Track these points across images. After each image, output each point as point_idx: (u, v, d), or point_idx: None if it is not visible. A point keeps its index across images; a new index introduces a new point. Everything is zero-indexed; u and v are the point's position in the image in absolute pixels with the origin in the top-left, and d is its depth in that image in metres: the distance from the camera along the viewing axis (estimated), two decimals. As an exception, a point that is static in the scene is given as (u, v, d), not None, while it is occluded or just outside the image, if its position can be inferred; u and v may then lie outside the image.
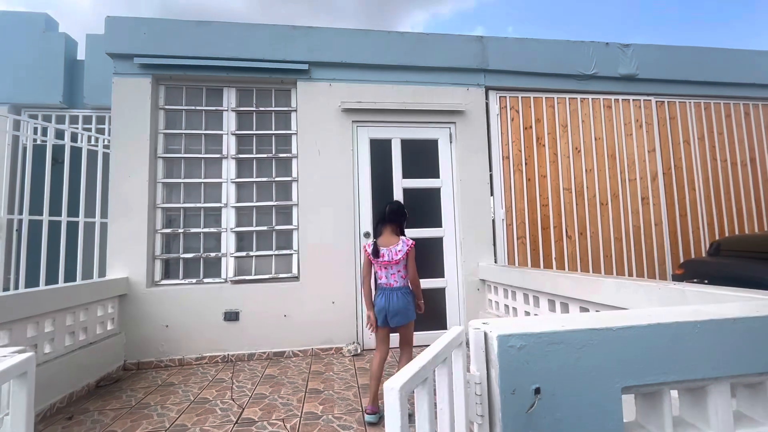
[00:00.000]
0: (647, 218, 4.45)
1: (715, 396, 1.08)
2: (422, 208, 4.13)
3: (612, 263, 4.34)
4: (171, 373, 3.34)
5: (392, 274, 2.48)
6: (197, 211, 3.85)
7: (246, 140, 3.99)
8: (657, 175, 4.52)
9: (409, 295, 2.51)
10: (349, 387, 2.89)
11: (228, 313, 3.64)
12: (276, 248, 3.89)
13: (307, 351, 3.72)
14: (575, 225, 4.31)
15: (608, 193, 4.41)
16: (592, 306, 2.38)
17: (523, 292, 3.26)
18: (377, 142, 4.08)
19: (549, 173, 4.33)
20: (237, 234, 3.86)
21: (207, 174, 3.89)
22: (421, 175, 4.13)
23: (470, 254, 4.05)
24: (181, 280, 3.71)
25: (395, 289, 2.46)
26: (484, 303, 4.03)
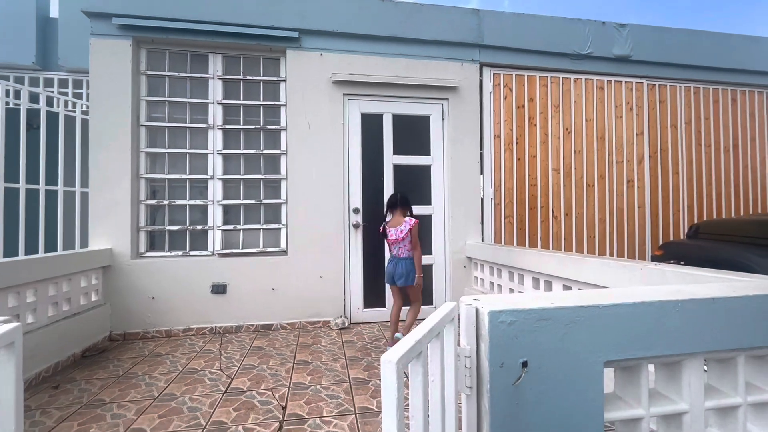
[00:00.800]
0: (631, 200, 4.55)
1: (689, 370, 1.14)
2: (412, 185, 4.11)
3: (595, 244, 4.45)
4: (158, 344, 3.35)
5: (399, 248, 3.07)
6: (182, 182, 3.75)
7: (233, 110, 3.86)
8: (643, 159, 4.59)
9: (411, 264, 3.08)
10: (336, 359, 2.95)
11: (215, 285, 3.63)
12: (264, 222, 3.85)
13: (294, 324, 3.76)
14: (561, 206, 4.38)
15: (595, 175, 4.47)
16: (575, 284, 2.45)
17: (509, 270, 3.34)
18: (368, 116, 4.00)
19: (539, 153, 4.35)
20: (224, 207, 3.80)
21: (193, 144, 3.78)
22: (411, 152, 4.10)
23: (458, 232, 4.10)
24: (167, 252, 3.66)
25: (401, 258, 3.08)
26: (469, 280, 4.11)
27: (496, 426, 0.96)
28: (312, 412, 2.14)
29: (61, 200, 3.77)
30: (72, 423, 2.05)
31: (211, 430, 1.97)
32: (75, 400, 2.30)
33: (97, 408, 2.21)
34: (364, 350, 3.14)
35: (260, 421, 2.06)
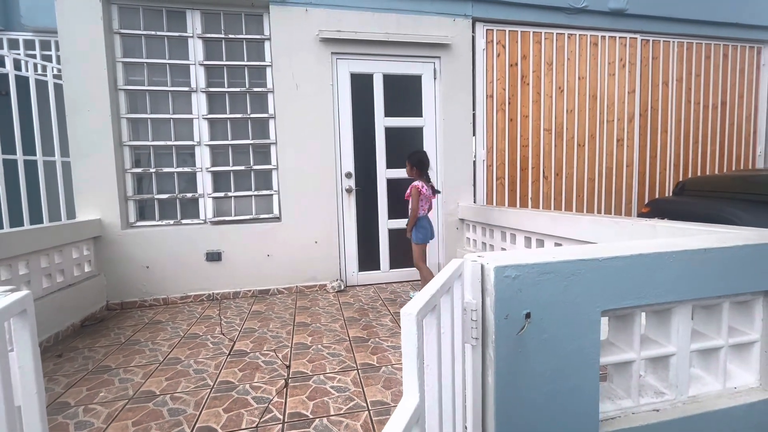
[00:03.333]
0: (620, 159, 4.60)
1: (678, 317, 1.21)
2: (404, 148, 4.06)
3: (583, 203, 4.54)
4: (157, 311, 3.38)
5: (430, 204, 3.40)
6: (168, 149, 3.64)
7: (216, 72, 3.68)
8: (634, 117, 4.60)
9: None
10: (335, 320, 3.04)
11: (210, 253, 3.63)
12: (255, 189, 3.80)
13: (291, 288, 3.82)
14: (552, 166, 4.41)
15: (586, 135, 4.48)
16: (567, 242, 2.52)
17: (501, 230, 3.40)
18: (358, 77, 3.87)
19: (531, 113, 4.31)
20: (213, 174, 3.72)
21: (176, 110, 3.63)
22: (403, 114, 4.02)
23: (451, 194, 4.12)
24: (158, 221, 3.60)
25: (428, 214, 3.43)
26: (462, 241, 4.19)
27: (500, 373, 1.02)
28: (315, 370, 2.23)
29: (41, 171, 3.63)
30: (80, 388, 2.10)
31: (219, 389, 2.05)
32: (80, 367, 2.35)
33: (104, 373, 2.26)
34: (361, 311, 3.23)
35: (266, 379, 2.14)
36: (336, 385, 2.06)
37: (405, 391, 0.63)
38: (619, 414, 1.18)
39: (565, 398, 1.08)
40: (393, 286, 3.96)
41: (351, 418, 1.77)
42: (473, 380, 1.05)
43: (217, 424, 1.75)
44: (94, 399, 1.99)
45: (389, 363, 2.29)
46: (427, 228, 3.30)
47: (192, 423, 1.76)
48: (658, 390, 1.24)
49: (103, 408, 1.91)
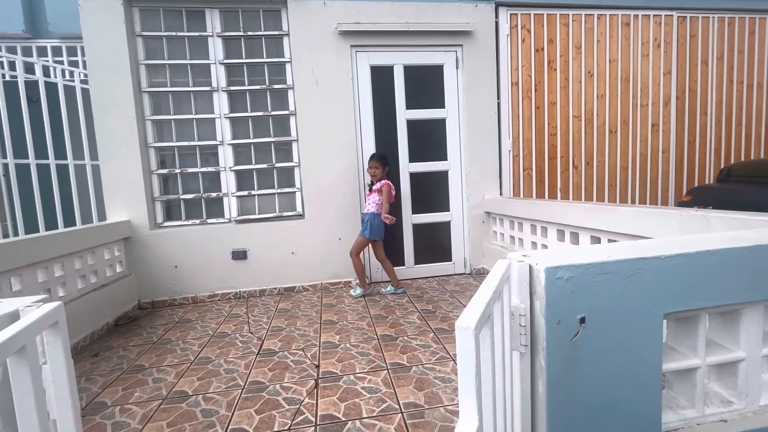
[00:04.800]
0: (655, 146, 4.36)
1: (748, 319, 1.09)
2: (427, 140, 3.97)
3: (616, 192, 4.33)
4: (186, 310, 3.43)
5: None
6: (192, 150, 3.66)
7: (236, 71, 3.67)
8: (670, 100, 4.33)
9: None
10: (362, 317, 3.00)
11: (236, 252, 3.65)
12: (278, 186, 3.79)
13: (316, 285, 3.81)
14: (582, 154, 4.22)
15: (618, 120, 4.25)
16: (605, 235, 2.38)
17: (531, 223, 3.27)
18: (378, 69, 3.79)
19: (559, 100, 4.12)
20: (236, 173, 3.73)
21: (198, 110, 3.64)
22: (425, 106, 3.91)
23: (476, 187, 4.00)
24: (185, 221, 3.65)
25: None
26: (488, 235, 4.07)
27: (552, 382, 0.94)
28: (345, 369, 2.19)
29: (72, 174, 3.73)
30: (116, 388, 2.14)
31: (249, 389, 2.04)
32: (116, 367, 2.39)
33: (138, 373, 2.29)
34: (387, 308, 3.18)
35: (296, 379, 2.12)
36: (367, 386, 2.01)
37: (462, 413, 0.56)
38: (682, 425, 1.08)
39: (624, 408, 0.99)
40: (418, 282, 3.89)
41: (384, 421, 1.72)
42: (521, 390, 0.97)
43: (250, 426, 1.74)
44: (130, 399, 2.02)
45: (419, 362, 2.23)
46: (381, 227, 3.39)
47: (225, 424, 1.76)
48: (724, 398, 1.13)
49: (138, 408, 1.93)
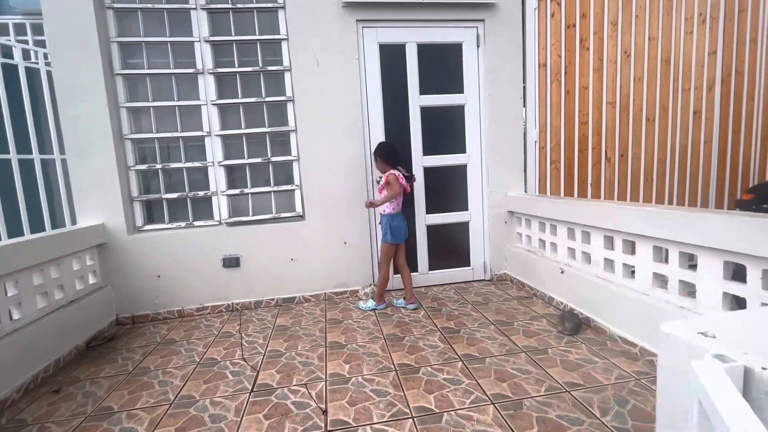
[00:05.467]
0: (696, 135, 3.89)
1: None
2: (443, 130, 3.50)
3: (652, 188, 3.88)
4: (171, 326, 3.00)
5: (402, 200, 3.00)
6: (175, 142, 3.19)
7: (224, 50, 3.18)
8: (714, 84, 3.86)
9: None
10: (373, 338, 2.57)
11: (227, 258, 3.20)
12: (274, 184, 3.32)
13: (319, 296, 3.38)
14: (616, 146, 3.76)
15: (657, 107, 3.78)
16: (676, 246, 1.94)
17: (568, 226, 2.83)
18: (388, 48, 3.29)
19: (591, 84, 3.64)
20: (227, 168, 3.26)
21: (181, 95, 3.16)
22: (441, 90, 3.43)
23: (498, 183, 3.55)
24: (168, 224, 3.19)
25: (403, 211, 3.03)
26: (511, 236, 3.63)
27: None
28: (359, 417, 1.77)
29: (39, 170, 3.26)
30: (74, 443, 1.71)
31: (240, 447, 1.61)
32: (78, 409, 1.96)
33: (104, 420, 1.86)
34: (402, 325, 2.75)
35: (299, 431, 1.69)
36: (389, 444, 1.59)
37: None
38: None
39: None
40: (434, 291, 3.46)
41: (417, 505, 1.30)
42: None
43: None
44: (88, 462, 1.59)
45: (450, 407, 1.80)
46: (401, 227, 2.96)
47: None
48: None
49: (96, 478, 1.50)
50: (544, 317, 2.75)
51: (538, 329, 2.55)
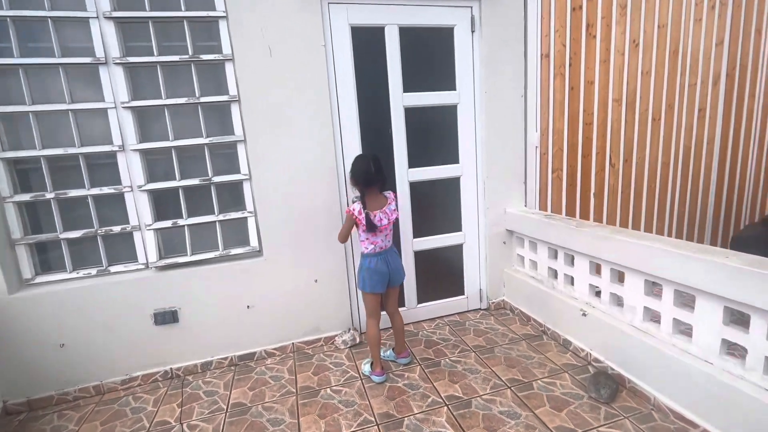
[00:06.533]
0: (700, 136, 3.56)
1: None
2: (432, 136, 2.87)
3: (655, 195, 3.52)
4: (83, 414, 2.22)
5: (387, 236, 2.28)
6: (72, 160, 2.30)
7: (136, 31, 2.29)
8: (720, 78, 3.51)
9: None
10: (363, 423, 1.97)
11: (159, 313, 2.43)
12: (220, 211, 2.55)
13: (286, 347, 2.71)
14: (621, 149, 3.33)
15: (663, 105, 3.38)
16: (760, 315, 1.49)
17: (590, 259, 2.35)
18: (363, 32, 2.57)
19: (598, 78, 3.14)
20: (151, 194, 2.43)
21: (75, 95, 2.26)
22: (430, 86, 2.78)
23: (496, 197, 3.00)
24: (71, 273, 2.34)
25: (391, 248, 2.32)
26: (510, 259, 3.13)
27: None
28: None
29: None
30: None
31: None
32: None
33: None
34: (397, 395, 2.17)
35: None
36: None
37: None
38: None
39: None
40: (425, 330, 2.91)
41: None
42: None
43: None
44: None
45: None
46: (381, 272, 2.23)
47: None
48: None
49: None
50: (565, 370, 2.28)
51: (565, 394, 2.08)
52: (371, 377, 2.32)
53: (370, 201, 2.17)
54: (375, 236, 2.21)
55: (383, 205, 2.20)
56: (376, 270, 2.22)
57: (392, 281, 2.30)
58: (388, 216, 2.19)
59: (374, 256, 2.23)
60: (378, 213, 2.15)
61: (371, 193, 2.18)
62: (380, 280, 2.24)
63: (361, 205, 2.14)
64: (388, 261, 2.26)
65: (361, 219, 2.12)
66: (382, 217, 2.17)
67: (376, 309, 2.30)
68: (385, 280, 2.26)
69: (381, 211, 2.17)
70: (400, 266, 2.34)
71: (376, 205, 2.18)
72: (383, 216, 2.17)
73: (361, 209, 2.13)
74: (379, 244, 2.23)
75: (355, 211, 2.14)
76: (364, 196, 2.17)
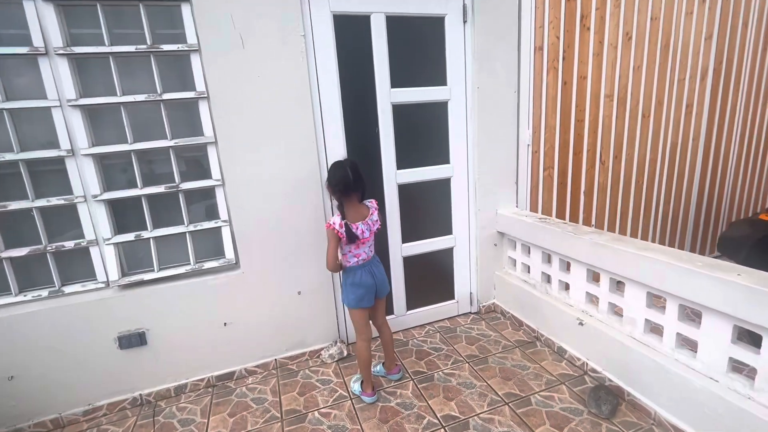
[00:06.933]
0: (687, 132, 3.54)
1: None
2: (422, 135, 2.69)
3: (642, 192, 3.50)
4: (40, 453, 1.98)
5: (370, 246, 2.12)
6: (11, 167, 1.99)
7: (83, 17, 1.97)
8: (707, 73, 3.47)
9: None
10: (356, 453, 1.83)
11: (125, 336, 2.19)
12: (190, 221, 2.30)
13: (268, 365, 2.53)
14: (611, 146, 3.26)
15: (653, 101, 3.32)
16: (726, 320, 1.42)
17: (588, 267, 2.26)
18: (346, 20, 2.32)
19: (590, 73, 3.03)
20: (109, 204, 2.15)
21: (12, 93, 1.93)
22: (419, 81, 2.58)
23: (487, 198, 2.87)
24: (17, 296, 2.05)
25: (374, 258, 2.14)
26: (501, 261, 3.04)
27: None
28: None
29: None
30: None
31: None
32: None
33: None
34: (390, 416, 2.05)
35: None
36: None
37: None
38: None
39: None
40: (416, 338, 2.79)
41: None
42: None
43: None
44: None
45: None
46: (366, 284, 2.05)
47: None
48: None
49: None
50: (562, 382, 2.22)
51: (564, 409, 2.01)
52: (362, 397, 2.18)
53: (350, 211, 1.98)
54: (358, 248, 2.03)
55: (365, 216, 2.01)
56: (361, 283, 2.05)
57: (379, 293, 2.14)
58: (370, 227, 2.02)
59: (358, 269, 2.06)
60: (360, 224, 1.97)
61: (351, 203, 1.98)
62: (367, 293, 2.07)
63: (340, 217, 1.94)
64: (373, 272, 2.09)
65: (342, 232, 1.92)
66: (364, 229, 1.98)
67: (366, 326, 2.14)
68: (371, 293, 2.10)
69: (363, 222, 1.98)
70: (385, 276, 2.17)
71: (356, 215, 1.99)
72: (365, 228, 1.98)
73: (342, 222, 1.93)
74: (363, 256, 2.05)
75: (336, 225, 1.93)
76: (343, 205, 1.97)
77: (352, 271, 2.06)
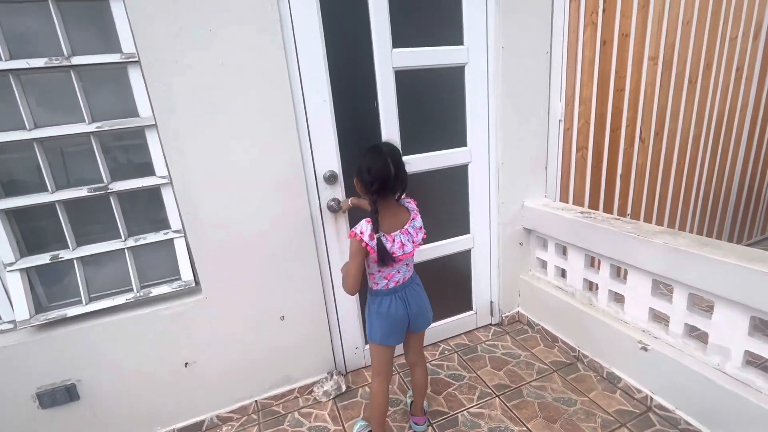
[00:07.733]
0: (734, 100, 3.03)
1: None
2: (432, 110, 2.11)
3: (683, 174, 3.00)
4: None
5: (408, 265, 1.55)
6: None
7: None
8: (761, 29, 2.94)
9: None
10: None
11: (46, 393, 1.62)
12: (130, 232, 1.71)
13: (247, 408, 2.00)
14: (653, 120, 2.73)
15: (701, 63, 2.78)
16: None
17: (653, 277, 1.76)
18: (330, -47, 1.70)
19: (634, 30, 2.46)
20: (12, 215, 1.55)
21: None
22: (428, 41, 1.98)
23: (512, 188, 2.34)
24: None
25: (411, 281, 1.57)
26: (526, 262, 2.53)
27: None
28: None
29: None
30: None
31: None
32: None
33: None
34: (408, 486, 1.55)
35: None
36: None
37: None
38: None
39: None
40: (429, 361, 2.29)
41: None
42: None
43: None
44: None
45: None
46: (398, 315, 1.51)
47: None
48: None
49: None
50: (622, 422, 1.74)
51: (635, 467, 1.53)
52: None
53: (386, 217, 1.41)
54: (391, 268, 1.47)
55: (404, 222, 1.45)
56: (389, 314, 1.50)
57: (414, 326, 1.59)
58: (412, 238, 1.44)
59: (388, 295, 1.50)
60: (398, 235, 1.40)
61: (387, 205, 1.42)
62: (396, 327, 1.53)
63: (371, 225, 1.36)
64: (407, 300, 1.52)
65: (373, 247, 1.35)
66: (404, 241, 1.41)
67: (388, 367, 1.60)
68: (403, 327, 1.55)
69: (402, 231, 1.42)
70: (425, 304, 1.62)
71: (394, 222, 1.43)
72: (406, 239, 1.41)
73: (372, 232, 1.35)
74: (397, 277, 1.50)
75: (365, 236, 1.35)
76: (377, 209, 1.38)
77: (378, 296, 1.51)
